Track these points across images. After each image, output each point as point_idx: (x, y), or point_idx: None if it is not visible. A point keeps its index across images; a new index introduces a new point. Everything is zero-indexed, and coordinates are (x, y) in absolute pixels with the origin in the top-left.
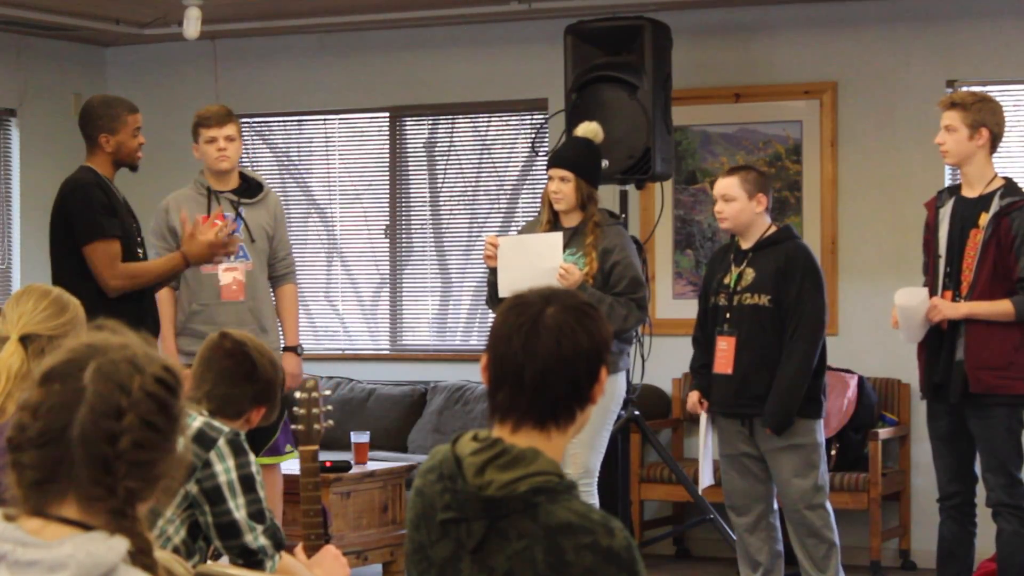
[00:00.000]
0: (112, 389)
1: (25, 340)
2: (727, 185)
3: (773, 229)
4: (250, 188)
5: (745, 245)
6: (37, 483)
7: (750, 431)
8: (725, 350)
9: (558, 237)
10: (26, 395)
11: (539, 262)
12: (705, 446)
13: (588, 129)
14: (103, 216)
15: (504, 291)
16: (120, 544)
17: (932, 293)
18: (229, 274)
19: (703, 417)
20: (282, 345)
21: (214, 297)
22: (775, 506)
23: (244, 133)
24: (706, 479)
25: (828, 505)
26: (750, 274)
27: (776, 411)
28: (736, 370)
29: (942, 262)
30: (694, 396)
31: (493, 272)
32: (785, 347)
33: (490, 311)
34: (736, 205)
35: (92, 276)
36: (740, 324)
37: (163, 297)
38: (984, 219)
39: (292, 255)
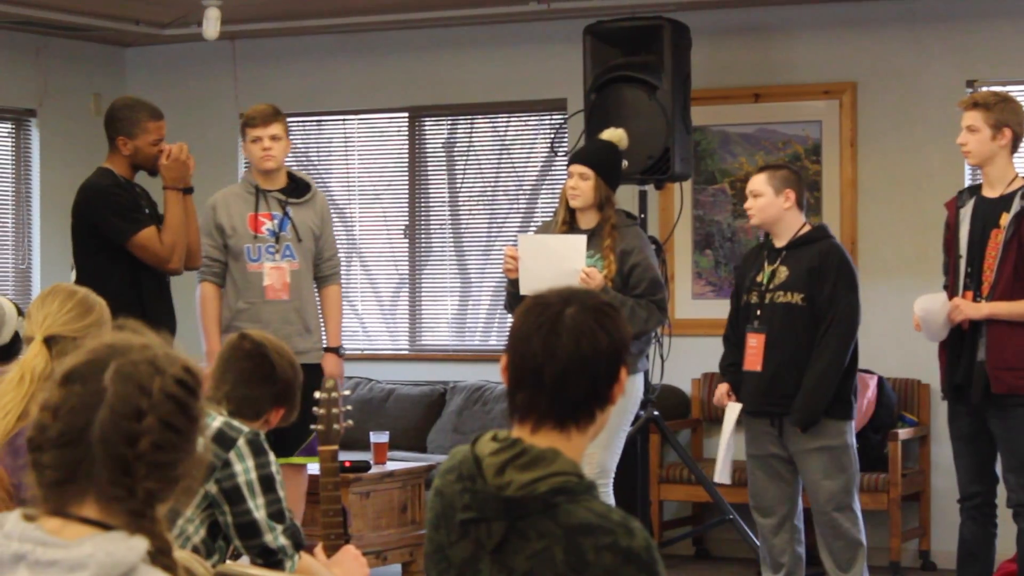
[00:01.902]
0: (132, 390)
1: (49, 341)
2: (754, 181)
3: (807, 228)
4: (298, 188)
5: (779, 243)
6: (57, 483)
7: (779, 431)
8: (755, 347)
9: (582, 240)
10: (47, 395)
11: (561, 264)
12: (727, 443)
13: (614, 134)
14: (130, 211)
15: (525, 290)
16: (140, 544)
17: (953, 293)
18: (275, 273)
19: (730, 408)
20: (324, 345)
21: (260, 296)
22: (800, 508)
23: None
24: (723, 476)
25: (857, 507)
26: (783, 272)
27: (804, 407)
28: (766, 368)
29: (963, 262)
30: (723, 388)
31: (512, 283)
32: (816, 345)
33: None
34: (763, 200)
35: (114, 277)
36: (771, 322)
37: (208, 294)
38: (1005, 219)
39: (338, 256)
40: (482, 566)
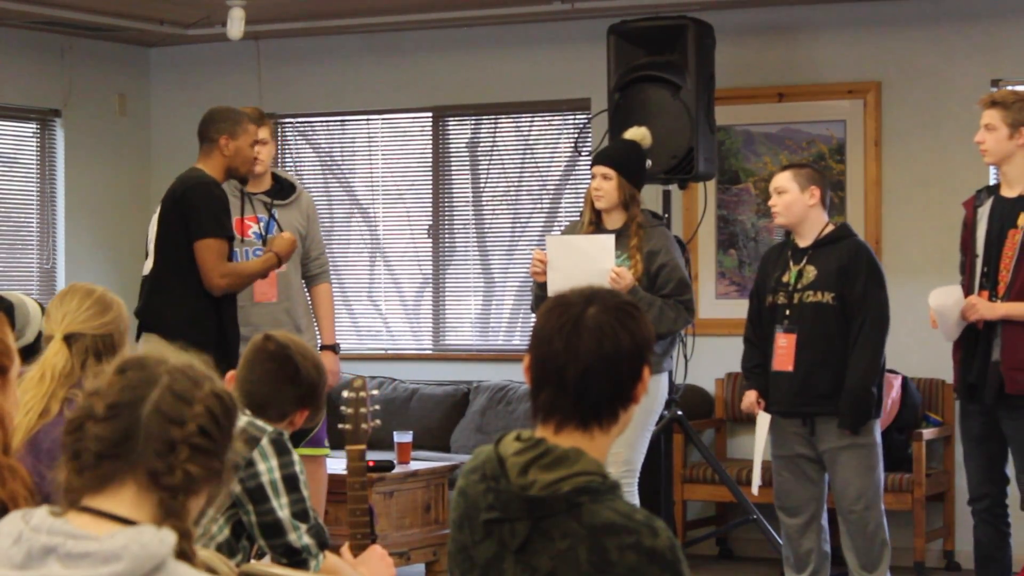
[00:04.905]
0: (186, 381)
1: (69, 339)
2: (779, 178)
3: (831, 227)
4: (283, 189)
5: (803, 243)
6: (98, 457)
7: (811, 431)
8: (785, 347)
9: (610, 240)
10: (97, 384)
11: (590, 264)
12: (760, 449)
13: (637, 133)
14: (220, 214)
15: (553, 291)
16: (170, 538)
17: (968, 292)
18: None
19: (761, 418)
20: (319, 344)
21: (248, 299)
22: (825, 507)
23: (287, 133)
24: (759, 482)
25: (882, 506)
26: (811, 272)
27: (854, 409)
28: (798, 368)
29: (979, 262)
30: (751, 396)
31: (540, 286)
32: (853, 344)
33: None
34: (787, 197)
35: (195, 272)
36: (801, 322)
37: None
38: (1023, 219)
39: (325, 254)
40: (506, 566)
